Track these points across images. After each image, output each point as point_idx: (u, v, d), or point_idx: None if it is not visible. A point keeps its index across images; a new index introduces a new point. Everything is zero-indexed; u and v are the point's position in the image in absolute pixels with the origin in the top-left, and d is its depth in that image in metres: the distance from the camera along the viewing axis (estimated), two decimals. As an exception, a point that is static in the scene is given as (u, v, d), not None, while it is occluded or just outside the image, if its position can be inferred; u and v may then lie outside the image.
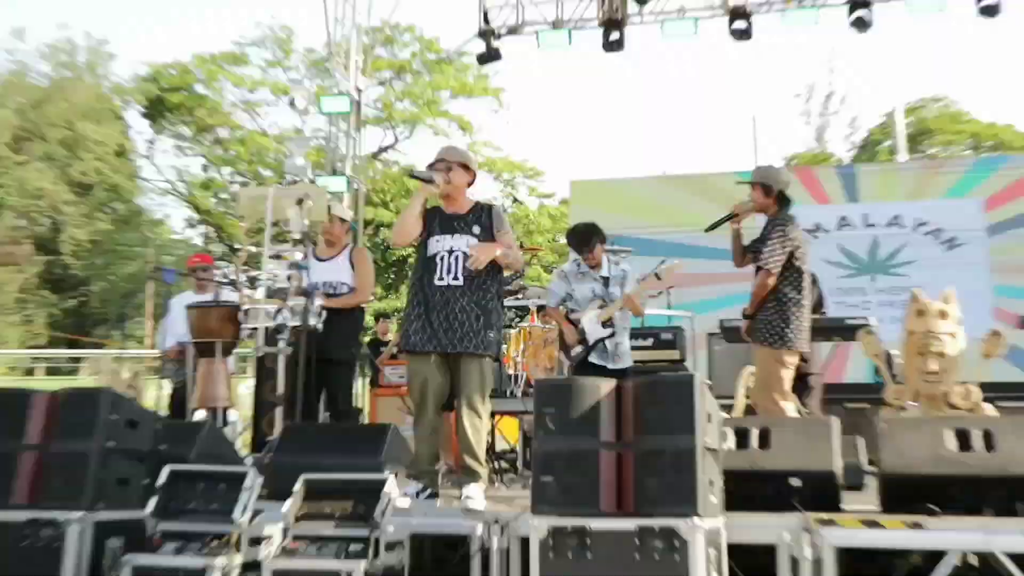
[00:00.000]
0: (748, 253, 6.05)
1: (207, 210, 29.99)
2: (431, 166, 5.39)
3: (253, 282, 7.77)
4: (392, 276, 27.64)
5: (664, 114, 55.54)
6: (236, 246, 27.86)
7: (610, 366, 6.20)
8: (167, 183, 31.90)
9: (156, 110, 30.00)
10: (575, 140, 54.58)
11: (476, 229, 5.30)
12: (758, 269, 5.83)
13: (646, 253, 10.10)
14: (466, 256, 5.21)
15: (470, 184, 5.47)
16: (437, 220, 5.37)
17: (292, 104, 12.23)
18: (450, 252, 5.25)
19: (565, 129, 54.94)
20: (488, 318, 5.20)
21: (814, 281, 7.70)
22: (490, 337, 5.18)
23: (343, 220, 6.87)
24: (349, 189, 12.83)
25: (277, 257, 6.57)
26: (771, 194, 5.93)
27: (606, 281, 6.39)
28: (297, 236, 6.60)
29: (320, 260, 6.64)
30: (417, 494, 5.05)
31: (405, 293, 25.72)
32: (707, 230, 6.16)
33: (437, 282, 5.21)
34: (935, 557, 4.15)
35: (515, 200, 10.51)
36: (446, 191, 5.32)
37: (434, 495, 5.08)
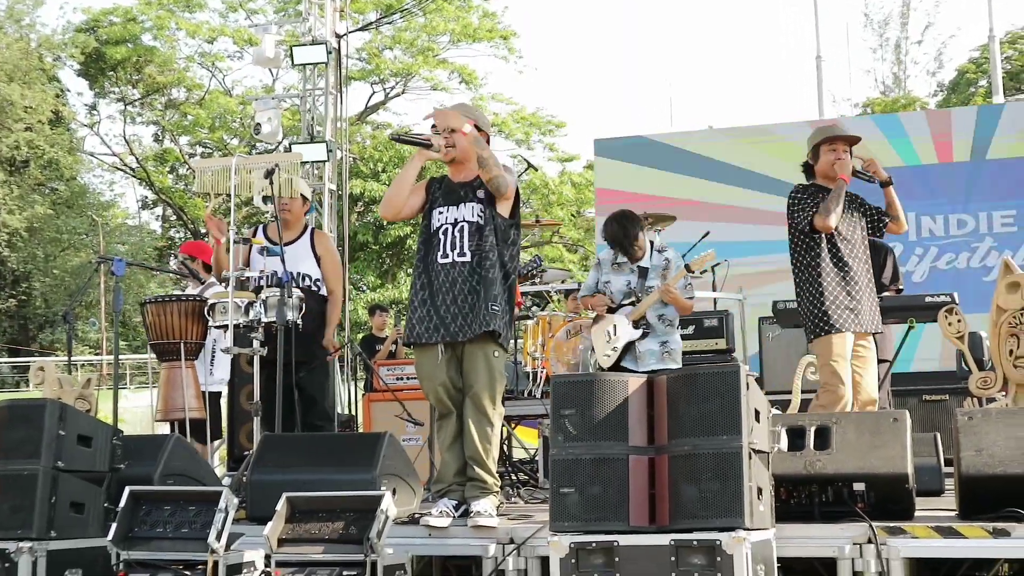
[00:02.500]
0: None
1: (165, 187, 30.17)
2: (434, 127, 5.48)
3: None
4: (388, 261, 27.78)
5: (708, 57, 55.30)
6: (201, 230, 28.09)
7: (653, 368, 6.27)
8: (115, 157, 32.13)
9: (96, 67, 30.07)
10: (600, 92, 54.51)
11: (481, 193, 5.38)
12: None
13: (689, 219, 10.23)
14: (472, 226, 5.31)
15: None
16: (441, 190, 5.48)
17: (263, 54, 12.24)
18: (455, 224, 5.36)
19: (589, 80, 54.86)
20: (488, 289, 5.23)
21: (882, 250, 7.86)
22: (492, 310, 5.20)
23: (305, 198, 7.04)
24: (331, 158, 12.90)
25: (245, 242, 6.72)
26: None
27: (643, 272, 6.51)
28: (270, 216, 6.75)
29: (274, 244, 6.78)
30: (456, 510, 5.16)
31: (405, 281, 25.95)
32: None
33: (441, 260, 5.32)
34: (1024, 568, 4.32)
35: (528, 166, 10.48)
36: (451, 156, 5.42)
37: (466, 512, 5.18)
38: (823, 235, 6.11)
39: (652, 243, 6.67)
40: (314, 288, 6.90)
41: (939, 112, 20.35)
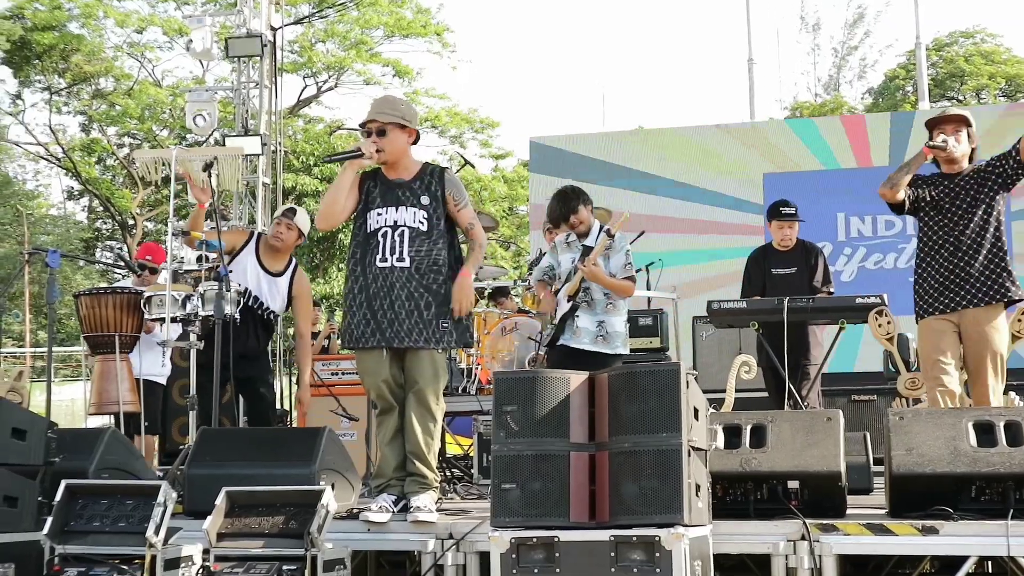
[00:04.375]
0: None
1: (92, 178, 29.73)
2: (362, 125, 5.44)
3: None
4: (318, 256, 27.64)
5: (641, 58, 55.74)
6: (129, 222, 27.76)
7: (587, 347, 6.34)
8: (39, 147, 31.59)
9: (20, 55, 29.52)
10: (535, 91, 54.68)
11: (425, 199, 5.35)
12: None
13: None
14: (413, 232, 5.30)
15: (414, 143, 5.51)
16: (378, 189, 5.42)
17: (189, 47, 12.13)
18: (394, 227, 5.31)
19: (524, 78, 55.04)
20: (442, 305, 5.27)
21: (814, 252, 8.01)
22: (444, 327, 5.26)
23: (301, 233, 7.04)
24: (264, 151, 12.83)
25: (184, 234, 6.68)
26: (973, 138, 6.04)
27: (587, 251, 6.55)
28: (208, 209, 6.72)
29: (264, 269, 6.88)
30: (395, 506, 5.17)
31: (337, 276, 25.79)
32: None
33: (380, 263, 5.28)
34: (950, 564, 4.44)
35: (465, 163, 10.53)
36: (382, 159, 5.38)
37: (405, 508, 5.19)
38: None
39: (601, 225, 6.71)
40: (270, 319, 6.96)
41: (854, 117, 20.70)
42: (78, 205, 34.13)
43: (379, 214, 5.37)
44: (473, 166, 13.50)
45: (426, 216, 5.34)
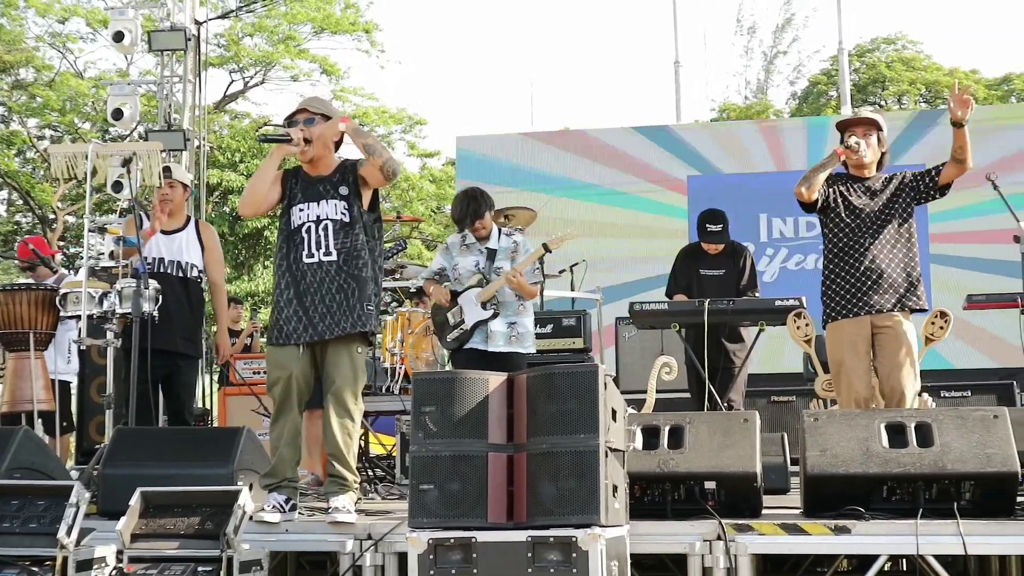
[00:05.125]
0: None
1: (11, 171, 29.20)
2: (289, 118, 5.46)
3: (73, 261, 7.80)
4: (243, 253, 27.41)
5: (569, 59, 55.97)
6: (49, 216, 27.29)
7: (501, 349, 6.44)
8: (-45, 137, 30.98)
9: (-63, 44, 29.01)
10: (462, 90, 54.62)
11: (343, 190, 5.38)
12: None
13: (547, 223, 10.36)
14: (336, 224, 5.29)
15: (338, 143, 5.54)
16: (299, 185, 5.44)
17: (117, 38, 11.95)
18: (317, 222, 5.33)
19: (451, 77, 55.00)
20: (363, 289, 5.28)
21: (742, 254, 8.08)
22: (367, 310, 5.27)
23: (185, 185, 6.95)
24: (188, 147, 12.69)
25: (102, 230, 6.60)
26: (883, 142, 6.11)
27: (492, 254, 6.61)
28: (124, 204, 6.66)
29: (161, 232, 6.73)
30: (285, 506, 5.16)
31: (262, 274, 25.56)
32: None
33: (307, 259, 5.30)
34: (864, 562, 4.53)
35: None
36: (309, 153, 5.39)
37: (294, 507, 5.21)
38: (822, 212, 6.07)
39: (500, 228, 6.79)
40: (199, 279, 6.87)
41: (771, 122, 21.00)
42: (-4, 198, 33.48)
43: (301, 210, 5.38)
44: (401, 164, 13.51)
45: (347, 206, 5.36)
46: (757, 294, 7.99)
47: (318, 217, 5.35)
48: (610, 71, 55.10)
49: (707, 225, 7.93)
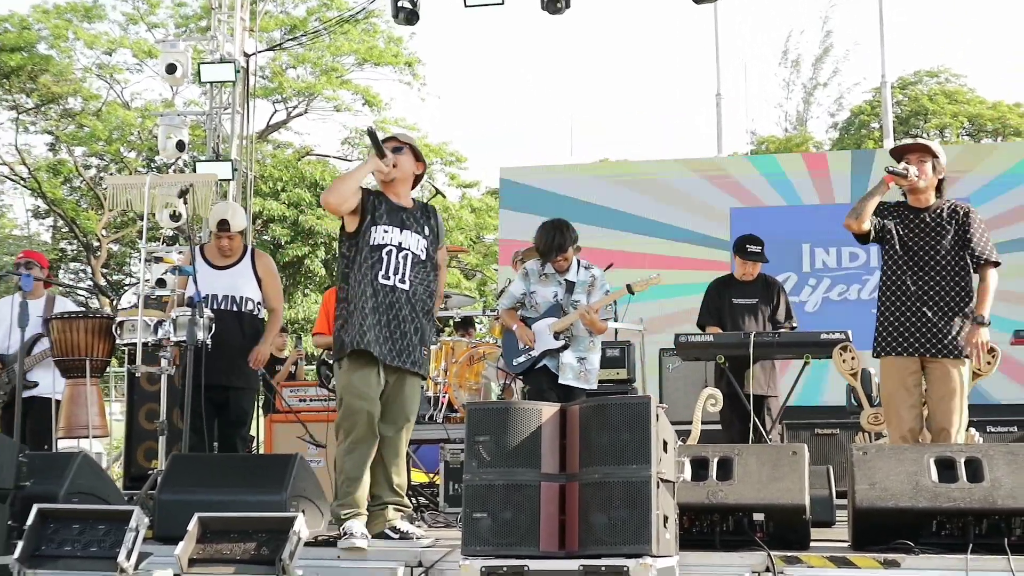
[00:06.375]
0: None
1: (57, 199, 29.54)
2: (384, 142, 5.55)
3: (116, 288, 7.91)
4: (285, 280, 27.58)
5: (610, 91, 56.04)
6: (93, 243, 27.59)
7: (570, 383, 6.61)
8: (5, 166, 31.38)
9: (-12, 75, 29.41)
10: (502, 121, 54.80)
11: (426, 231, 5.57)
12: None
13: (589, 255, 10.40)
14: (415, 258, 5.44)
15: (417, 179, 5.72)
16: (384, 207, 5.49)
17: (170, 70, 12.12)
18: (399, 248, 5.44)
19: (493, 108, 55.18)
20: (424, 333, 5.48)
21: (775, 286, 8.10)
22: (424, 355, 5.48)
23: (243, 233, 7.04)
24: (235, 176, 12.81)
25: (158, 260, 6.72)
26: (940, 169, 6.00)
27: (570, 286, 6.69)
28: (170, 233, 6.76)
29: (215, 267, 6.84)
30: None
31: (302, 302, 25.64)
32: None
33: (383, 280, 5.39)
34: (912, 598, 4.52)
35: (436, 192, 10.77)
36: (392, 175, 5.49)
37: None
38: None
39: (579, 261, 6.85)
40: (256, 312, 6.95)
41: (816, 155, 20.94)
42: (42, 225, 33.87)
43: (385, 231, 5.46)
44: (444, 195, 13.62)
45: (427, 246, 5.55)
46: (794, 325, 8.01)
47: (400, 244, 5.45)
48: (651, 103, 55.11)
49: (747, 245, 7.98)
